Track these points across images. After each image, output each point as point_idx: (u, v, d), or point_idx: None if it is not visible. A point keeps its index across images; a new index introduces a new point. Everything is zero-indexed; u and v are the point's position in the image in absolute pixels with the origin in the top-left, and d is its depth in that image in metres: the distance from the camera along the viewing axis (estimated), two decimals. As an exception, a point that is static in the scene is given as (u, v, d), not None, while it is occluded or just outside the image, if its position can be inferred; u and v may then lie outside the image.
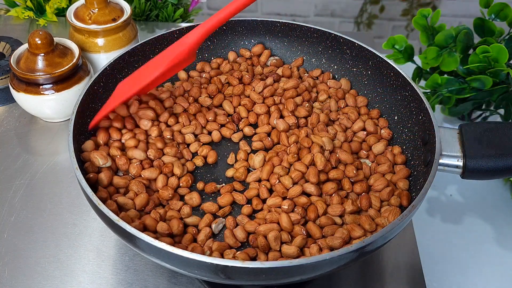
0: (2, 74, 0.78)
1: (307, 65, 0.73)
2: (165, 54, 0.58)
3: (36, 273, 0.57)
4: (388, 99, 0.66)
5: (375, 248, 0.46)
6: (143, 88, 0.59)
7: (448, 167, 0.53)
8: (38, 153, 0.71)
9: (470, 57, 0.69)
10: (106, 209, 0.47)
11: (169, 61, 0.57)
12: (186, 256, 0.43)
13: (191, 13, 1.05)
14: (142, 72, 0.59)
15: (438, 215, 0.72)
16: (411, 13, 1.68)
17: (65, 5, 0.94)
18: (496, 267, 0.66)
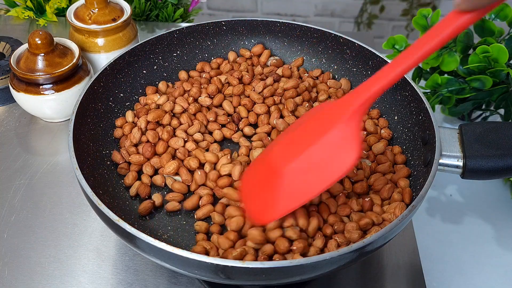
0: (2, 74, 0.78)
1: (307, 65, 0.73)
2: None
3: (36, 273, 0.57)
4: (388, 99, 0.66)
5: (375, 248, 0.46)
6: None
7: (448, 167, 0.53)
8: (38, 153, 0.71)
9: (470, 57, 0.69)
10: (106, 209, 0.47)
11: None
12: (186, 256, 0.43)
13: (191, 13, 1.05)
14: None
15: (438, 215, 0.72)
16: (411, 13, 1.68)
17: (65, 5, 0.94)
18: (496, 267, 0.66)
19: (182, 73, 0.71)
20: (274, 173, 0.47)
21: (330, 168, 0.44)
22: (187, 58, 0.73)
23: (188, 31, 0.72)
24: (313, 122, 0.48)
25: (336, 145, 0.44)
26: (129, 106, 0.67)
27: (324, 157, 0.45)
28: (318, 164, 0.45)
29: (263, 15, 1.73)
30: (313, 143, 0.45)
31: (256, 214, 0.49)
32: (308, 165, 0.45)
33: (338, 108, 0.46)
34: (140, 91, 0.68)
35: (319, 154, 0.45)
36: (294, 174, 0.46)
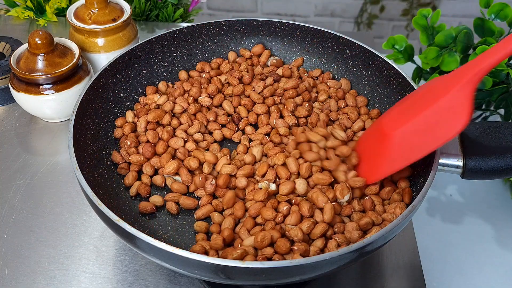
0: (2, 74, 0.78)
1: (307, 65, 0.73)
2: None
3: (36, 273, 0.57)
4: (388, 99, 0.66)
5: (375, 248, 0.46)
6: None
7: (448, 167, 0.53)
8: (38, 153, 0.71)
9: (470, 57, 0.69)
10: (106, 209, 0.47)
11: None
12: (186, 256, 0.43)
13: (191, 13, 1.05)
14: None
15: (438, 215, 0.72)
16: (411, 13, 1.68)
17: (65, 5, 0.94)
18: (496, 267, 0.66)
19: (182, 73, 0.71)
20: (385, 136, 0.52)
21: (440, 130, 0.48)
22: (187, 58, 0.73)
23: (188, 31, 0.72)
24: (426, 92, 0.51)
25: (448, 110, 0.47)
26: (129, 106, 0.67)
27: (435, 121, 0.48)
28: (429, 127, 0.49)
29: (263, 15, 1.73)
30: (425, 108, 0.49)
31: (368, 173, 0.55)
32: (419, 127, 0.50)
33: (452, 79, 0.48)
34: (140, 91, 0.68)
35: (430, 118, 0.49)
36: (405, 136, 0.51)
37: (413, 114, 0.50)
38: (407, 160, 0.51)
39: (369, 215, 0.52)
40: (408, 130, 0.50)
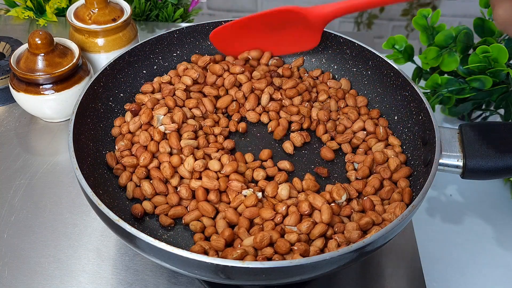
0: (2, 74, 0.78)
1: (307, 65, 0.73)
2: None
3: (36, 273, 0.57)
4: (388, 99, 0.66)
5: (375, 248, 0.46)
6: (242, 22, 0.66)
7: (448, 167, 0.53)
8: (38, 153, 0.71)
9: (470, 57, 0.69)
10: (106, 209, 0.47)
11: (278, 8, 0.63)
12: (186, 256, 0.43)
13: (191, 13, 1.05)
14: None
15: (438, 215, 0.72)
16: (411, 13, 1.67)
17: (65, 5, 0.94)
18: (496, 267, 0.66)
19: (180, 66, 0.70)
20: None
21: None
22: (187, 58, 0.73)
23: (188, 31, 0.72)
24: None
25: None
26: (129, 106, 0.67)
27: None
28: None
29: (263, 15, 1.73)
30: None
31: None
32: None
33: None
34: (140, 91, 0.68)
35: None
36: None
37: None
38: None
39: (369, 215, 0.52)
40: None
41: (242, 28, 0.67)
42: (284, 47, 0.71)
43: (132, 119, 0.62)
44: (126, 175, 0.57)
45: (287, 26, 0.66)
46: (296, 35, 0.67)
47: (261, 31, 0.67)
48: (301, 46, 0.70)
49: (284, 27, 0.66)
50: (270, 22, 0.66)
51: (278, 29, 0.67)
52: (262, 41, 0.69)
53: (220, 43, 0.70)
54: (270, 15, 0.64)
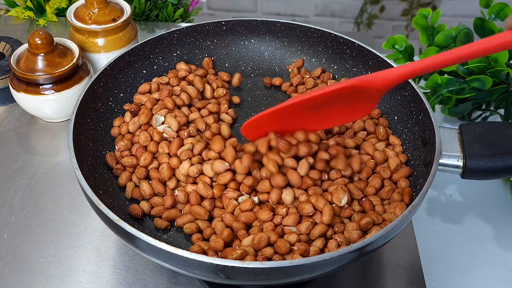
0: (2, 74, 0.78)
1: (308, 65, 0.73)
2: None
3: (36, 273, 0.57)
4: (388, 99, 0.66)
5: (375, 248, 0.46)
6: (288, 108, 0.52)
7: (448, 167, 0.53)
8: (38, 153, 0.71)
9: (470, 58, 0.69)
10: (106, 209, 0.47)
11: (333, 87, 0.49)
12: (186, 256, 0.43)
13: (191, 13, 1.05)
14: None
15: (438, 215, 0.72)
16: (411, 13, 1.67)
17: (65, 5, 0.94)
18: (496, 267, 0.66)
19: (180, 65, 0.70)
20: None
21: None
22: (187, 58, 0.73)
23: (188, 31, 0.72)
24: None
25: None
26: (129, 106, 0.67)
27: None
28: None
29: (263, 15, 1.73)
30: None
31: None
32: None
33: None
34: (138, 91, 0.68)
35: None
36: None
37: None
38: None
39: (370, 215, 0.52)
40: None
41: (279, 117, 0.54)
42: (328, 123, 0.57)
43: (131, 119, 0.62)
44: (125, 175, 0.57)
45: (338, 101, 0.52)
46: (347, 107, 0.53)
47: (303, 113, 0.54)
48: (350, 117, 0.56)
49: (334, 103, 0.52)
50: (319, 103, 0.52)
51: (325, 106, 0.53)
52: (302, 122, 0.55)
53: (253, 134, 0.57)
54: (323, 96, 0.50)
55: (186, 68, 0.70)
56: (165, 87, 0.66)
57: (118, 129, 0.62)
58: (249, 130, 0.56)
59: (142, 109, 0.63)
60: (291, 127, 0.56)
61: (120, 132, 0.62)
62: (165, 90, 0.64)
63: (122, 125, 0.62)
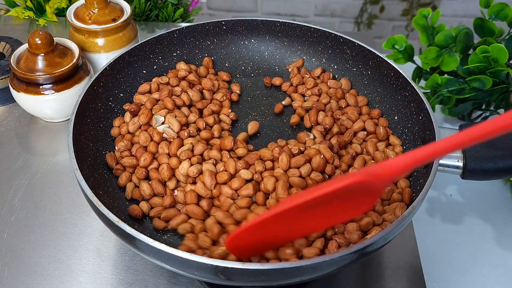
0: (2, 74, 0.78)
1: (307, 64, 0.73)
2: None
3: (36, 273, 0.57)
4: (388, 99, 0.66)
5: (375, 249, 0.46)
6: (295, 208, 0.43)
7: (448, 168, 0.53)
8: (38, 153, 0.71)
9: (470, 57, 0.69)
10: (106, 210, 0.47)
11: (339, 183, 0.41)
12: (186, 257, 0.43)
13: (191, 13, 1.05)
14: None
15: (438, 215, 0.72)
16: (411, 13, 1.67)
17: (65, 5, 0.94)
18: (496, 267, 0.66)
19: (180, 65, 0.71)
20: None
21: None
22: (187, 58, 0.73)
23: (188, 31, 0.72)
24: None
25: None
26: (129, 106, 0.67)
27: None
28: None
29: (263, 15, 1.73)
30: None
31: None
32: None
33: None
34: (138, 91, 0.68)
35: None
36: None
37: None
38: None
39: (370, 215, 0.52)
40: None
41: (270, 226, 0.45)
42: (327, 222, 0.47)
43: (131, 119, 0.62)
44: (125, 176, 0.57)
45: (339, 198, 0.43)
46: (349, 203, 0.44)
47: (298, 218, 0.45)
48: (351, 214, 0.46)
49: (335, 200, 0.43)
50: (316, 204, 0.43)
51: (324, 205, 0.44)
52: (295, 227, 0.46)
53: (240, 250, 0.48)
54: (323, 197, 0.42)
55: (186, 68, 0.70)
56: (165, 87, 0.66)
57: (118, 129, 0.62)
58: (235, 245, 0.47)
59: (142, 109, 0.63)
60: (283, 234, 0.47)
61: (120, 132, 0.62)
62: (165, 90, 0.64)
63: (122, 125, 0.62)
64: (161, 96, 0.64)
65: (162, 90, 0.65)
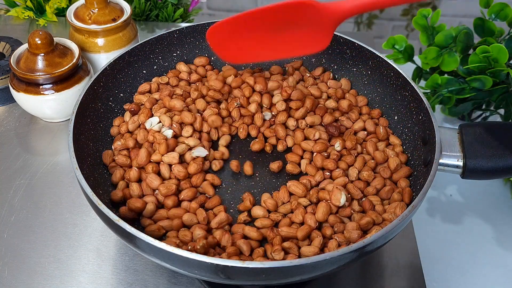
0: (2, 74, 0.78)
1: (307, 65, 0.73)
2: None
3: (36, 273, 0.57)
4: (388, 99, 0.66)
5: (375, 248, 0.46)
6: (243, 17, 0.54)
7: (448, 167, 0.53)
8: (38, 153, 0.71)
9: (470, 57, 0.69)
10: (106, 209, 0.47)
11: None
12: (186, 256, 0.43)
13: (191, 13, 1.05)
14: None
15: (438, 215, 0.72)
16: (411, 13, 1.67)
17: (65, 5, 0.94)
18: (496, 267, 0.66)
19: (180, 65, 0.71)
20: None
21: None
22: (187, 58, 0.73)
23: (188, 31, 0.72)
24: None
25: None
26: (129, 106, 0.67)
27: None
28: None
29: (263, 15, 1.73)
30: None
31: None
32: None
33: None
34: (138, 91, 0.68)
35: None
36: None
37: None
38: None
39: (370, 214, 0.52)
40: None
41: (242, 26, 0.57)
42: (288, 50, 0.59)
43: (131, 118, 0.62)
44: (119, 173, 0.57)
45: (293, 25, 0.55)
46: (303, 35, 0.56)
47: (262, 31, 0.57)
48: (307, 48, 0.58)
49: (290, 26, 0.55)
50: (275, 19, 0.55)
51: (283, 28, 0.56)
52: (262, 43, 0.58)
53: (216, 42, 0.59)
54: (277, 9, 0.53)
55: (187, 69, 0.70)
56: (165, 87, 0.66)
57: (117, 129, 0.62)
58: (214, 36, 0.58)
59: (142, 109, 0.63)
60: (252, 47, 0.58)
61: (120, 131, 0.62)
62: (165, 90, 0.64)
63: (121, 124, 0.62)
64: (161, 95, 0.64)
65: (162, 90, 0.65)
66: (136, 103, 0.65)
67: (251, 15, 0.54)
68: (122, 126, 0.62)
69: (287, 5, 0.52)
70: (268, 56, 0.60)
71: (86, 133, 0.59)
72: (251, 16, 0.55)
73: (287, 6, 0.52)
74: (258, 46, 0.58)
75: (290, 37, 0.56)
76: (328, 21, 0.52)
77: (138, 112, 0.63)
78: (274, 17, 0.54)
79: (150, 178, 0.56)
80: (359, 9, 0.50)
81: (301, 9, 0.52)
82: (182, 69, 0.70)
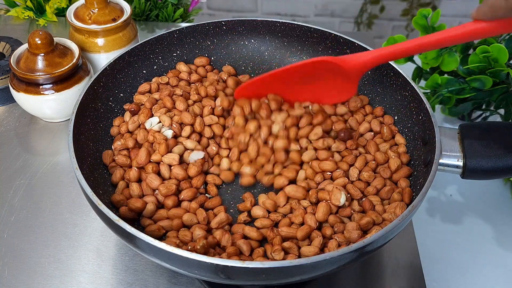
0: (2, 74, 0.78)
1: (307, 65, 0.73)
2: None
3: (36, 273, 0.57)
4: (388, 99, 0.66)
5: (375, 248, 0.46)
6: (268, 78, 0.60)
7: (448, 167, 0.53)
8: (38, 153, 0.71)
9: (470, 57, 0.69)
10: (106, 209, 0.47)
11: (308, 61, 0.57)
12: (186, 256, 0.43)
13: (191, 13, 1.05)
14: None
15: (438, 215, 0.72)
16: (411, 13, 1.67)
17: (65, 5, 0.94)
18: (496, 267, 0.66)
19: (180, 65, 0.71)
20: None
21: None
22: (187, 58, 0.73)
23: (188, 31, 0.72)
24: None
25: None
26: (129, 106, 0.67)
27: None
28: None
29: (263, 15, 1.73)
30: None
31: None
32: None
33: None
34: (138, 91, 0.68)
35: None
36: None
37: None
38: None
39: (370, 214, 0.52)
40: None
41: (270, 84, 0.61)
42: (314, 99, 0.63)
43: (131, 118, 0.62)
44: (119, 173, 0.57)
45: (320, 78, 0.60)
46: (330, 87, 0.61)
47: (290, 85, 0.61)
48: (335, 97, 0.62)
49: (317, 79, 0.60)
50: (301, 75, 0.59)
51: (310, 81, 0.61)
52: (291, 95, 0.63)
53: (243, 97, 0.63)
54: (302, 67, 0.58)
55: (187, 69, 0.70)
56: (165, 87, 0.66)
57: (117, 129, 0.62)
58: (242, 95, 0.63)
59: (142, 109, 0.63)
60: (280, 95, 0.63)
61: (120, 131, 0.62)
62: (165, 90, 0.64)
63: (121, 124, 0.62)
64: (161, 95, 0.64)
65: (162, 90, 0.65)
66: (136, 103, 0.65)
67: (277, 73, 0.59)
68: (122, 126, 0.62)
69: (309, 63, 0.57)
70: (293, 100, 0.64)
71: (86, 133, 0.59)
72: (277, 74, 0.59)
73: (309, 63, 0.57)
74: (286, 96, 0.63)
75: (317, 89, 0.61)
76: (351, 73, 0.57)
77: (138, 112, 0.63)
78: (299, 74, 0.59)
79: (150, 178, 0.56)
80: (378, 60, 0.55)
81: (322, 65, 0.57)
82: (182, 69, 0.70)
